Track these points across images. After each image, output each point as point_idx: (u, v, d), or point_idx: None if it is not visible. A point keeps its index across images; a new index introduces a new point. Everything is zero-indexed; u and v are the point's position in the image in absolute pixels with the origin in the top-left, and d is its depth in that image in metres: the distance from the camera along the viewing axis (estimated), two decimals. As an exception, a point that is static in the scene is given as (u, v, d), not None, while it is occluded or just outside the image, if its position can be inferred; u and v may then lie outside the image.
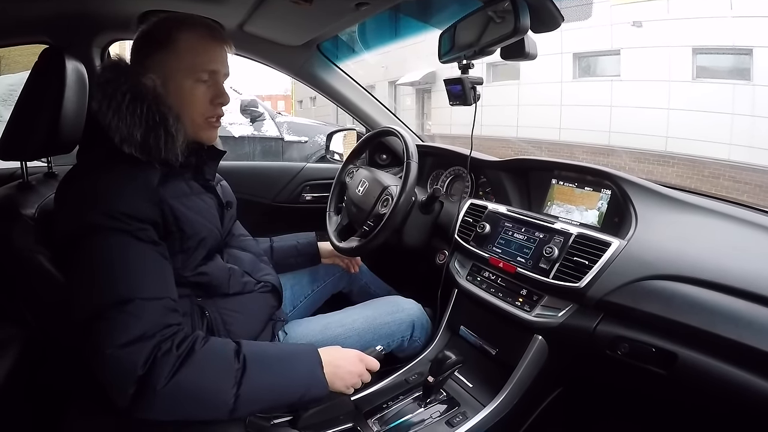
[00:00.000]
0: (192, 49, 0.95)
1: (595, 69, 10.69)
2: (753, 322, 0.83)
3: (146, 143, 0.89)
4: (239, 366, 0.81)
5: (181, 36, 0.95)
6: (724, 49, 8.18)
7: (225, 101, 1.00)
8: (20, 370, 0.99)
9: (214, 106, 0.99)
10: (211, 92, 0.99)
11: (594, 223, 1.23)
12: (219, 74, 1.00)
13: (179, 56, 0.95)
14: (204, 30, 0.98)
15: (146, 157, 0.89)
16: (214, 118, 1.01)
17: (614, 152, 9.46)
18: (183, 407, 0.77)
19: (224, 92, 1.00)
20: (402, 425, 1.08)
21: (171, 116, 0.92)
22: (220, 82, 1.00)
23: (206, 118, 1.00)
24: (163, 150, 0.90)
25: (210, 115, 1.00)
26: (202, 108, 0.98)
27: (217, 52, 0.99)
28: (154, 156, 0.90)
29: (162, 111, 0.91)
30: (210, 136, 1.03)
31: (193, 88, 0.96)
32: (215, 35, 0.99)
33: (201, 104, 0.98)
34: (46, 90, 1.00)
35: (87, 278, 0.80)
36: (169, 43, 0.95)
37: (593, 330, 1.03)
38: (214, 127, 1.03)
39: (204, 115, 0.99)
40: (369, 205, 1.44)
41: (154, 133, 0.89)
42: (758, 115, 7.66)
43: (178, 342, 0.78)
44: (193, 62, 0.95)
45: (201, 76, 0.96)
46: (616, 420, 1.27)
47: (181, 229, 0.92)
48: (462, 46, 1.14)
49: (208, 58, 0.97)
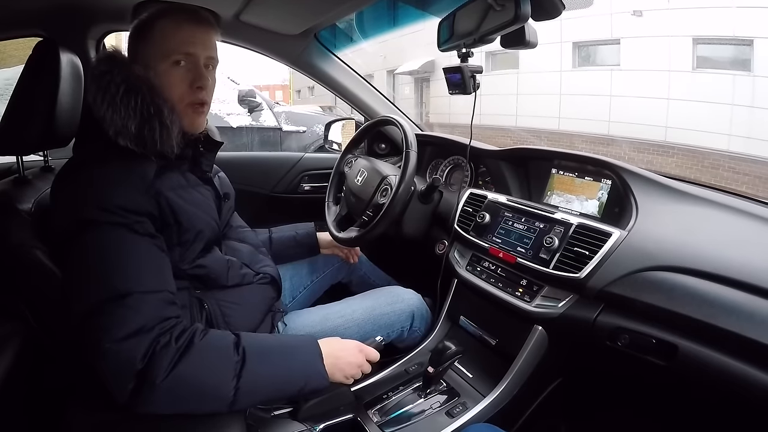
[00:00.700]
0: (165, 33, 0.94)
1: (594, 58, 10.67)
2: (754, 315, 0.82)
3: (141, 135, 0.88)
4: (239, 358, 0.80)
5: (157, 23, 0.94)
6: (725, 39, 8.16)
7: (204, 84, 0.96)
8: (21, 366, 0.99)
9: (193, 90, 0.96)
10: (190, 76, 0.96)
11: (594, 213, 1.22)
12: (196, 57, 0.96)
13: (154, 42, 0.94)
14: (181, 15, 0.96)
15: (142, 149, 0.88)
16: (198, 104, 0.98)
17: (614, 142, 9.45)
18: (183, 401, 0.76)
19: (202, 75, 0.96)
20: (402, 416, 1.08)
21: (166, 108, 0.91)
22: (200, 65, 0.96)
23: (187, 103, 0.96)
24: (159, 142, 0.89)
25: (191, 101, 0.97)
26: (180, 92, 0.95)
27: (192, 33, 0.96)
28: (150, 148, 0.89)
29: (156, 102, 0.90)
30: (194, 122, 0.99)
31: (169, 71, 0.94)
32: (192, 18, 0.96)
33: (178, 88, 0.95)
34: (41, 83, 0.99)
35: (84, 273, 0.80)
36: (148, 31, 0.95)
37: (593, 321, 1.03)
38: (198, 113, 0.99)
39: (184, 101, 0.96)
40: (368, 194, 1.43)
41: (148, 125, 0.88)
42: (758, 106, 7.64)
43: (176, 335, 0.77)
44: (167, 45, 0.94)
45: (176, 58, 0.94)
46: (615, 410, 1.27)
47: (178, 221, 0.91)
48: (461, 35, 1.12)
49: (181, 40, 0.94)
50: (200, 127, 1.02)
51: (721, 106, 8.03)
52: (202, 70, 0.97)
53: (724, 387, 0.86)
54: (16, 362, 0.97)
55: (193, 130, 1.00)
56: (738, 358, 0.83)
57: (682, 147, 8.50)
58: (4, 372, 0.95)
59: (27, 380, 1.03)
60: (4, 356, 0.96)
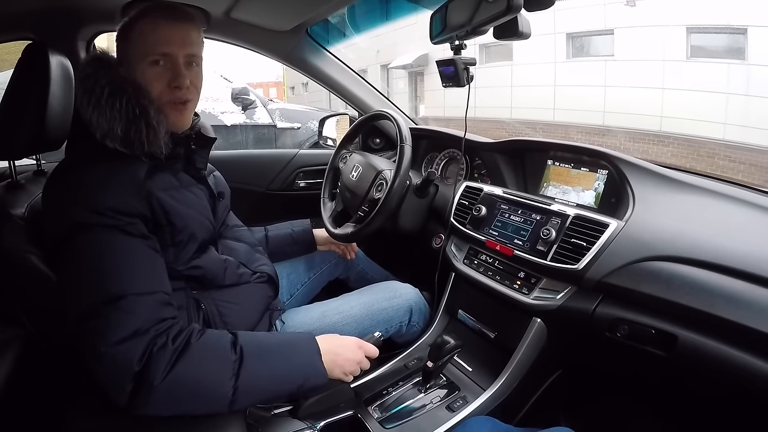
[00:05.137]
0: (143, 33, 0.93)
1: (588, 49, 10.66)
2: (752, 303, 0.82)
3: (128, 137, 0.87)
4: (236, 357, 0.80)
5: (137, 23, 0.93)
6: (719, 28, 8.15)
7: (181, 84, 0.94)
8: (20, 371, 0.99)
9: (171, 89, 0.94)
10: (168, 75, 0.94)
11: (591, 204, 1.22)
12: (174, 56, 0.94)
13: (135, 43, 0.93)
14: (159, 14, 0.94)
15: (130, 150, 0.87)
16: (179, 102, 0.96)
17: (610, 132, 9.46)
18: (182, 402, 0.76)
19: (180, 74, 0.94)
20: (403, 411, 1.08)
21: (152, 108, 0.90)
22: (178, 64, 0.94)
23: (166, 101, 0.95)
24: (146, 143, 0.88)
25: (169, 99, 0.95)
26: (158, 91, 0.93)
27: (169, 32, 0.94)
28: (138, 149, 0.88)
29: (142, 103, 0.89)
30: (177, 121, 0.97)
31: (146, 71, 0.92)
32: (170, 15, 0.95)
33: (156, 88, 0.93)
34: (31, 86, 0.98)
35: (78, 277, 0.79)
36: (130, 31, 0.94)
37: (592, 312, 1.03)
38: (179, 111, 0.97)
39: (163, 99, 0.94)
40: (363, 190, 1.43)
41: (134, 127, 0.87)
42: (753, 95, 7.65)
43: (173, 336, 0.77)
44: (144, 46, 0.92)
45: (153, 58, 0.92)
46: (615, 401, 1.27)
47: (170, 222, 0.90)
48: (454, 27, 1.11)
49: (156, 40, 0.92)
50: (184, 125, 1.00)
51: (716, 95, 8.03)
52: (180, 69, 0.94)
53: (724, 376, 0.86)
54: (15, 367, 0.97)
55: (176, 129, 0.98)
56: (738, 347, 0.83)
57: (678, 136, 8.51)
58: (4, 377, 0.95)
59: (27, 384, 1.03)
60: (3, 361, 0.96)
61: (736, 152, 7.54)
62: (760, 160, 7.20)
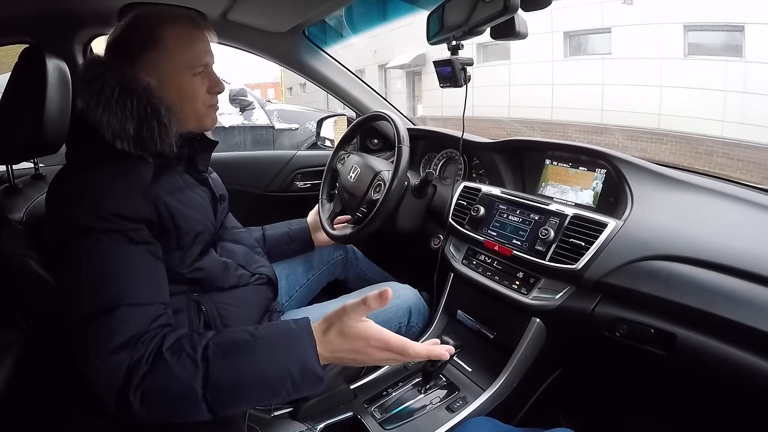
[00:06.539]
0: (181, 45, 0.94)
1: (586, 47, 10.67)
2: (751, 302, 0.82)
3: (140, 136, 0.87)
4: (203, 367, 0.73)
5: (165, 33, 0.93)
6: (716, 25, 8.16)
7: (221, 89, 1.02)
8: (20, 375, 0.98)
9: (211, 95, 1.01)
10: (207, 82, 0.99)
11: (589, 204, 1.22)
12: (210, 64, 1.00)
13: (170, 54, 0.93)
14: (186, 22, 0.97)
15: (140, 150, 0.87)
16: (215, 105, 1.03)
17: (608, 130, 9.47)
18: (160, 413, 0.73)
19: (219, 80, 1.01)
20: (403, 412, 1.07)
21: (162, 107, 0.90)
22: (213, 72, 1.01)
23: (209, 106, 1.01)
24: (158, 141, 0.89)
25: (211, 104, 1.02)
26: (203, 98, 0.99)
27: (204, 44, 0.99)
28: (149, 148, 0.88)
29: (153, 102, 0.89)
30: (213, 120, 1.05)
31: (192, 82, 0.96)
32: (199, 26, 0.99)
33: (201, 95, 0.98)
34: (28, 90, 0.98)
35: (75, 282, 0.78)
36: (156, 41, 0.93)
37: (591, 312, 1.03)
38: (214, 110, 1.04)
39: (205, 104, 1.00)
40: (361, 191, 1.43)
41: (147, 125, 0.87)
42: (750, 92, 7.66)
43: (152, 348, 0.73)
44: (187, 58, 0.95)
45: (197, 70, 0.97)
46: (615, 400, 1.27)
47: (177, 225, 0.90)
48: (451, 27, 1.11)
49: (199, 51, 0.97)
50: (216, 120, 1.06)
51: (714, 93, 8.05)
52: (216, 75, 1.01)
53: (724, 375, 0.86)
54: (15, 372, 0.97)
55: (211, 127, 1.05)
56: (737, 346, 0.83)
57: (676, 134, 8.52)
58: (4, 381, 0.95)
59: (26, 388, 1.02)
60: (3, 365, 0.96)
61: (735, 149, 7.56)
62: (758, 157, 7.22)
